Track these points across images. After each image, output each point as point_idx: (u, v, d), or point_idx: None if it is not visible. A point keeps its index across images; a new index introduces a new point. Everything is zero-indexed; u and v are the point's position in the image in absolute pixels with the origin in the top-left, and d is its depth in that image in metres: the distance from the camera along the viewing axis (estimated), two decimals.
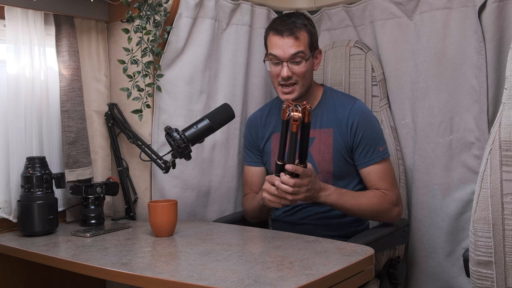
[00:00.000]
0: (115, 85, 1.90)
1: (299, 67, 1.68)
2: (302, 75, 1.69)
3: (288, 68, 1.67)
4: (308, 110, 1.42)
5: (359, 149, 1.70)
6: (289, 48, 1.67)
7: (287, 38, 1.67)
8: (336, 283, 1.15)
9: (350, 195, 1.63)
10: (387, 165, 1.72)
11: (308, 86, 1.73)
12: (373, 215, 1.68)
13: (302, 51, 1.67)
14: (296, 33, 1.67)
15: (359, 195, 1.66)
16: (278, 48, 1.68)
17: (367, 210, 1.64)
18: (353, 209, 1.63)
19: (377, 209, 1.65)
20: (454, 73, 1.78)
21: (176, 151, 1.57)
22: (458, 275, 1.81)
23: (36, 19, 1.69)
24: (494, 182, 1.18)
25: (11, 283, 1.68)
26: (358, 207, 1.63)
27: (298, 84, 1.70)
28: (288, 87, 1.69)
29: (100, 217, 1.72)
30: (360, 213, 1.65)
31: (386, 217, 1.70)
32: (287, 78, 1.68)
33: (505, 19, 1.66)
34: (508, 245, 1.17)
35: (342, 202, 1.60)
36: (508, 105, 1.17)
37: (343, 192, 1.62)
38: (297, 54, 1.67)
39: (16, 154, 1.65)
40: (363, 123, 1.71)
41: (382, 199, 1.66)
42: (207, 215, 1.94)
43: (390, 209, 1.68)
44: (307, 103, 1.42)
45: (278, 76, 1.70)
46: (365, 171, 1.70)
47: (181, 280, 1.13)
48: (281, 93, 1.72)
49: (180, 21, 1.79)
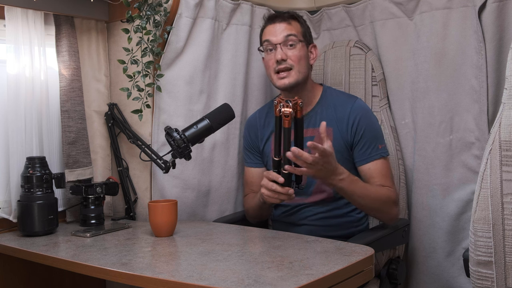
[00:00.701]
0: (115, 85, 1.90)
1: (293, 51, 1.70)
2: (297, 59, 1.69)
3: (281, 51, 1.69)
4: (300, 105, 1.43)
5: (359, 146, 1.70)
6: (281, 31, 1.71)
7: (279, 23, 1.72)
8: (336, 283, 1.15)
9: (360, 183, 1.61)
10: (387, 163, 1.72)
11: (305, 75, 1.73)
12: (378, 208, 1.64)
13: (294, 34, 1.71)
14: (288, 20, 1.73)
15: (368, 185, 1.64)
16: (271, 33, 1.73)
17: (374, 201, 1.61)
18: (361, 197, 1.59)
19: (383, 202, 1.63)
20: (454, 73, 1.78)
21: (176, 151, 1.57)
22: (458, 275, 1.81)
23: (36, 19, 1.69)
24: (494, 182, 1.18)
25: (11, 283, 1.68)
26: (367, 196, 1.60)
27: (293, 70, 1.70)
28: (283, 72, 1.70)
29: (100, 217, 1.72)
30: (365, 203, 1.61)
31: (387, 213, 1.67)
32: (281, 60, 1.68)
33: (505, 19, 1.66)
34: (508, 245, 1.17)
35: (352, 188, 1.57)
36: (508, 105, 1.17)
37: (355, 179, 1.59)
38: (289, 36, 1.70)
39: (16, 154, 1.65)
40: (364, 120, 1.71)
41: (388, 194, 1.65)
42: (207, 215, 1.94)
43: (392, 206, 1.67)
44: (298, 98, 1.43)
45: (273, 62, 1.70)
46: (365, 167, 1.70)
47: (181, 280, 1.13)
48: (277, 79, 1.71)
49: (180, 21, 1.79)
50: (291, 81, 1.69)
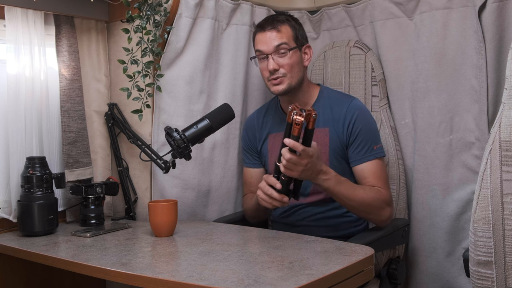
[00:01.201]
0: (115, 85, 1.90)
1: (285, 59, 1.69)
2: (289, 67, 1.70)
3: (273, 61, 1.69)
4: (313, 117, 1.42)
5: (354, 145, 1.70)
6: (271, 40, 1.70)
7: (269, 32, 1.71)
8: (336, 283, 1.15)
9: (348, 184, 1.61)
10: (382, 164, 1.71)
11: (299, 79, 1.73)
12: (366, 209, 1.63)
13: (285, 43, 1.70)
14: (278, 27, 1.71)
15: (356, 186, 1.65)
16: (262, 43, 1.72)
17: (362, 203, 1.60)
18: (348, 198, 1.59)
19: (371, 203, 1.62)
20: (454, 73, 1.78)
21: (176, 151, 1.57)
22: (458, 275, 1.81)
23: (36, 19, 1.69)
24: (494, 182, 1.18)
25: (11, 283, 1.68)
26: (353, 197, 1.59)
27: (286, 77, 1.70)
28: (276, 79, 1.71)
29: (100, 217, 1.72)
30: (353, 205, 1.61)
31: (378, 215, 1.65)
32: (273, 71, 1.69)
33: (505, 19, 1.66)
34: (508, 245, 1.17)
35: (338, 189, 1.57)
36: (508, 105, 1.17)
37: (342, 180, 1.59)
38: (280, 46, 1.69)
39: (16, 154, 1.65)
40: (360, 119, 1.71)
41: (378, 195, 1.64)
42: (207, 215, 1.94)
43: (383, 207, 1.65)
44: (313, 110, 1.42)
45: (267, 71, 1.71)
46: (358, 168, 1.70)
47: (181, 280, 1.13)
48: (271, 85, 1.73)
49: (180, 21, 1.79)
50: (285, 88, 1.71)
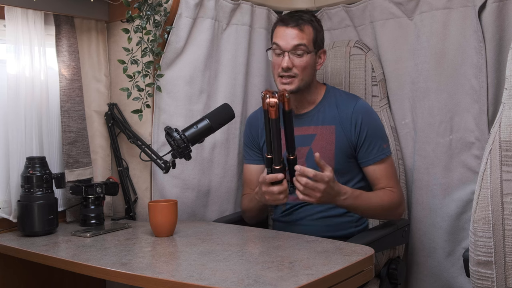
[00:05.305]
0: (115, 85, 1.90)
1: (300, 60, 1.68)
2: (302, 69, 1.69)
3: (288, 59, 1.68)
4: (286, 97, 1.42)
5: (364, 147, 1.71)
6: (292, 39, 1.68)
7: (291, 28, 1.69)
8: (336, 283, 1.15)
9: (364, 196, 1.64)
10: (391, 163, 1.75)
11: (308, 82, 1.73)
12: (382, 213, 1.72)
13: (304, 44, 1.68)
14: (301, 25, 1.69)
15: (371, 195, 1.68)
16: (282, 38, 1.70)
17: (378, 209, 1.68)
18: (366, 209, 1.65)
19: (388, 207, 1.69)
20: (454, 73, 1.78)
21: (176, 151, 1.57)
22: (458, 275, 1.81)
23: (36, 19, 1.69)
24: (494, 182, 1.18)
25: (11, 283, 1.68)
26: (370, 207, 1.65)
27: (297, 78, 1.70)
28: (287, 78, 1.70)
29: (100, 217, 1.72)
30: (371, 213, 1.70)
31: (393, 215, 1.74)
32: (287, 69, 1.68)
33: (505, 19, 1.66)
34: (508, 245, 1.17)
35: (357, 204, 1.62)
36: (508, 105, 1.17)
37: (357, 194, 1.62)
38: (299, 46, 1.68)
39: (16, 154, 1.65)
40: (367, 121, 1.72)
41: (392, 197, 1.70)
42: (207, 215, 1.94)
43: (397, 207, 1.72)
44: (285, 91, 1.42)
45: (279, 66, 1.70)
46: (370, 168, 1.72)
47: (181, 280, 1.13)
48: (280, 83, 1.72)
49: (180, 21, 1.79)
50: (292, 88, 1.70)
